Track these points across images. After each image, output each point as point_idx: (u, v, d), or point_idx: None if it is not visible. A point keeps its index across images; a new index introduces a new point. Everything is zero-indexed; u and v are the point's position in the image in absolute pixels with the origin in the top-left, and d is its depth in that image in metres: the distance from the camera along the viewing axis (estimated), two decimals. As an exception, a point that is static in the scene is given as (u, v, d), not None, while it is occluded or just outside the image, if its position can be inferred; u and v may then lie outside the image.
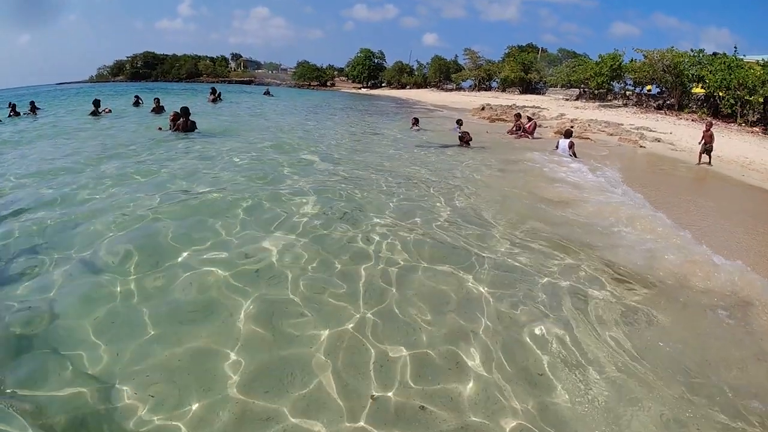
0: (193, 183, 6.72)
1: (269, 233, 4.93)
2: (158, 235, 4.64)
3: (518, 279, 4.51)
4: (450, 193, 7.28)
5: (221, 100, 27.94)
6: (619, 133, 18.27)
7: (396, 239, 5.06)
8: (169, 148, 9.60)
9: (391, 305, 3.84)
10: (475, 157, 10.79)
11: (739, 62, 25.86)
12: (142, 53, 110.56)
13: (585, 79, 40.13)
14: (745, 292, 4.56)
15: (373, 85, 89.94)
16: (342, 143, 11.94)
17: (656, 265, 5.00)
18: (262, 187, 6.58)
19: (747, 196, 10.07)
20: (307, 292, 3.89)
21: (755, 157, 14.64)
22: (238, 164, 8.16)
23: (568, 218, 6.48)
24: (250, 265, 4.22)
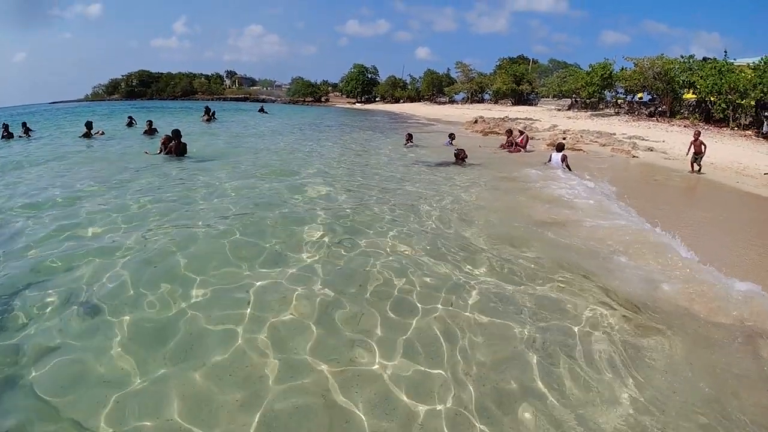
0: (183, 218, 6.33)
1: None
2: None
3: (509, 313, 4.23)
4: (445, 217, 7.11)
5: (215, 119, 28.09)
6: (612, 144, 18.36)
7: (391, 271, 4.83)
8: (162, 177, 9.34)
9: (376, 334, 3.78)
10: (470, 175, 10.72)
11: (729, 66, 26.05)
12: (137, 71, 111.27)
13: (576, 89, 40.53)
14: (759, 319, 4.30)
15: (367, 99, 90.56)
16: (338, 165, 11.76)
17: (659, 294, 4.73)
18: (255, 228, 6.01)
19: (743, 204, 10.00)
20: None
21: (749, 162, 14.65)
22: (232, 197, 7.62)
23: (565, 243, 6.19)
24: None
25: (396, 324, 3.94)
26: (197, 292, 4.23)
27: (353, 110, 68.14)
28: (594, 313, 4.27)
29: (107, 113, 40.83)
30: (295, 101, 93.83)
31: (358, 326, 3.87)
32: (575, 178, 10.59)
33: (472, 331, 3.90)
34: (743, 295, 4.61)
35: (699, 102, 28.81)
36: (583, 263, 5.43)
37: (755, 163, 14.59)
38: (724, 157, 15.38)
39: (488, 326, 4.00)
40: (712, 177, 12.51)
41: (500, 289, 4.64)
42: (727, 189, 11.25)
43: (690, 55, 30.77)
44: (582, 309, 4.33)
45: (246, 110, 50.89)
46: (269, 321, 3.81)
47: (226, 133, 20.97)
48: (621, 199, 8.79)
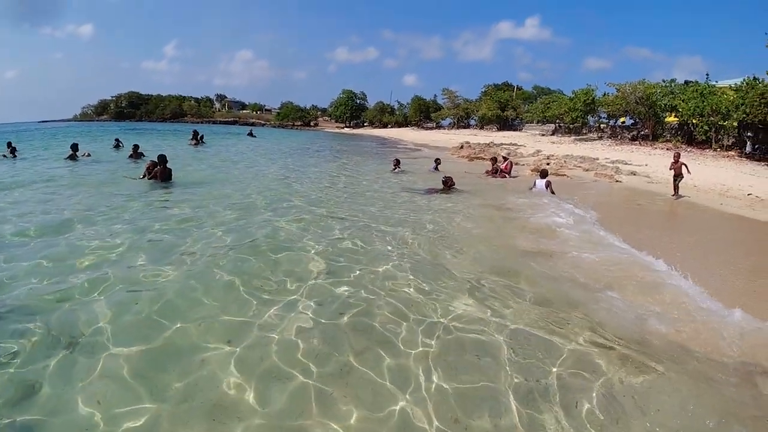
0: (166, 255, 5.95)
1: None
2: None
3: (489, 350, 4.02)
4: (430, 248, 6.97)
5: (204, 143, 28.17)
6: (595, 168, 18.73)
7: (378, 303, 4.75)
8: (148, 206, 8.99)
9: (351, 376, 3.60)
10: (457, 203, 10.72)
11: (711, 89, 26.76)
12: (127, 93, 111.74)
13: (560, 114, 41.54)
14: (755, 352, 4.17)
15: (355, 124, 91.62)
16: (327, 193, 11.67)
17: (650, 328, 4.55)
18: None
19: (728, 226, 10.04)
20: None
21: (732, 183, 14.81)
22: (217, 236, 7.00)
23: (551, 274, 6.00)
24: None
25: (370, 363, 3.77)
26: (177, 336, 4.02)
27: (342, 135, 68.72)
28: (582, 351, 4.07)
29: (96, 133, 40.71)
30: (284, 125, 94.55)
31: (328, 367, 3.69)
32: (561, 206, 10.61)
33: (448, 367, 3.74)
34: (737, 326, 4.54)
35: (681, 125, 29.57)
36: (571, 295, 5.26)
37: (739, 184, 14.76)
38: (707, 179, 15.55)
39: (466, 364, 3.82)
40: (695, 200, 12.58)
41: (483, 327, 4.42)
42: (711, 212, 11.29)
43: (672, 79, 31.84)
44: (569, 346, 4.13)
45: (235, 134, 51.07)
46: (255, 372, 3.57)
47: (213, 158, 20.96)
48: (606, 226, 8.78)
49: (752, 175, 16.93)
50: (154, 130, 53.44)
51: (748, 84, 22.91)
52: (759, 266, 6.95)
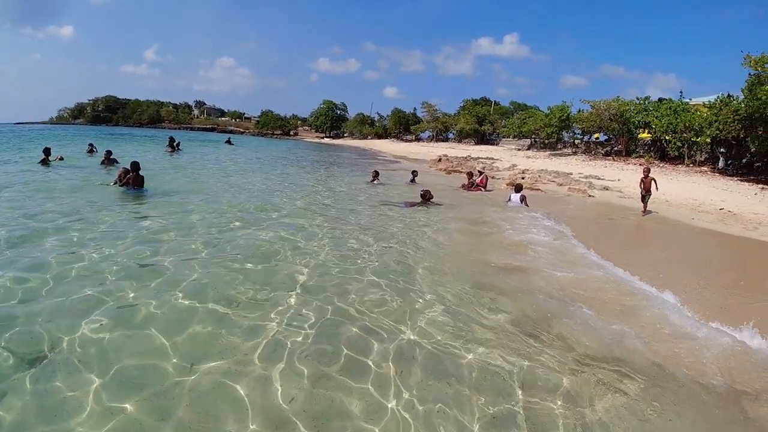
0: (135, 274, 5.57)
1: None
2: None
3: (459, 374, 3.90)
4: (407, 262, 6.95)
5: (180, 150, 27.89)
6: (569, 183, 19.22)
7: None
8: (114, 220, 8.37)
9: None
10: (435, 217, 10.73)
11: (685, 106, 27.72)
12: (104, 97, 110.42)
13: (535, 129, 42.47)
14: (736, 370, 4.18)
15: (335, 135, 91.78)
16: (307, 206, 11.52)
17: (627, 347, 4.47)
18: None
19: (701, 241, 10.26)
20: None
21: (704, 198, 15.24)
22: (192, 249, 6.79)
23: (526, 291, 5.91)
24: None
25: (333, 384, 3.66)
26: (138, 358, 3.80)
27: (322, 145, 68.69)
28: (553, 372, 3.99)
29: (72, 136, 39.86)
30: (264, 134, 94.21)
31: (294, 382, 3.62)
32: (536, 221, 10.75)
33: (411, 389, 3.64)
34: (716, 345, 4.55)
35: (654, 141, 30.49)
36: (545, 313, 5.20)
37: (711, 198, 15.22)
38: (679, 193, 16.03)
39: (429, 387, 3.71)
40: (667, 214, 12.87)
41: (451, 346, 4.34)
42: (682, 226, 11.54)
43: (646, 97, 32.99)
44: (538, 368, 4.03)
45: (213, 141, 50.56)
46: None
47: (189, 166, 20.73)
48: (580, 241, 8.86)
49: (724, 190, 17.48)
50: (131, 136, 52.57)
51: (722, 101, 23.54)
52: (733, 281, 7.06)
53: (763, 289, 6.76)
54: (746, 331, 4.80)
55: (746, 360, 4.37)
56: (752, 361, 4.35)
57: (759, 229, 11.02)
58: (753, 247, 9.67)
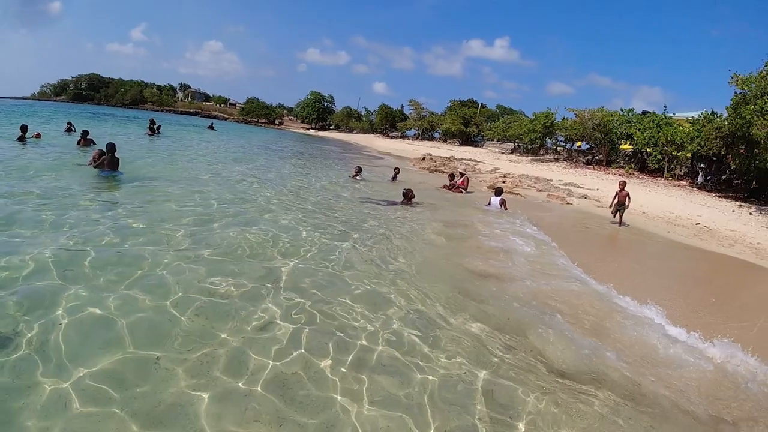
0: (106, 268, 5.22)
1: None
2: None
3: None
4: (383, 264, 6.88)
5: (159, 134, 27.33)
6: (548, 190, 19.40)
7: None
8: (86, 205, 8.03)
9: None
10: (415, 219, 10.52)
11: (668, 120, 28.20)
12: (88, 74, 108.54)
13: (520, 134, 42.82)
14: (715, 394, 4.11)
15: (321, 126, 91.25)
16: (289, 201, 11.06)
17: (604, 363, 4.35)
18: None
19: (676, 255, 10.26)
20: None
21: (681, 212, 15.52)
22: (168, 237, 6.61)
23: (502, 302, 5.74)
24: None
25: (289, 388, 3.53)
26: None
27: (307, 136, 68.07)
28: (525, 389, 3.86)
29: (51, 115, 38.62)
30: (248, 121, 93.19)
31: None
32: (515, 226, 10.72)
33: (368, 401, 3.51)
34: (694, 364, 4.51)
35: (635, 152, 30.94)
36: (519, 325, 5.05)
37: (687, 213, 15.49)
38: (656, 206, 16.29)
39: (388, 398, 3.57)
40: (643, 226, 13.02)
41: (415, 356, 4.19)
42: (658, 239, 11.68)
43: (630, 109, 33.53)
44: (505, 382, 3.93)
45: (195, 126, 49.78)
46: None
47: (168, 150, 20.21)
48: (559, 250, 8.83)
49: (702, 205, 17.85)
50: (112, 116, 51.32)
51: (705, 118, 23.91)
52: (704, 298, 7.16)
53: (734, 308, 6.84)
54: (723, 350, 4.80)
55: (725, 383, 4.33)
56: (730, 385, 4.31)
57: (734, 247, 11.21)
58: (727, 265, 9.80)
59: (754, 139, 17.60)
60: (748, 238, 12.17)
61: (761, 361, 4.65)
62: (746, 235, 12.54)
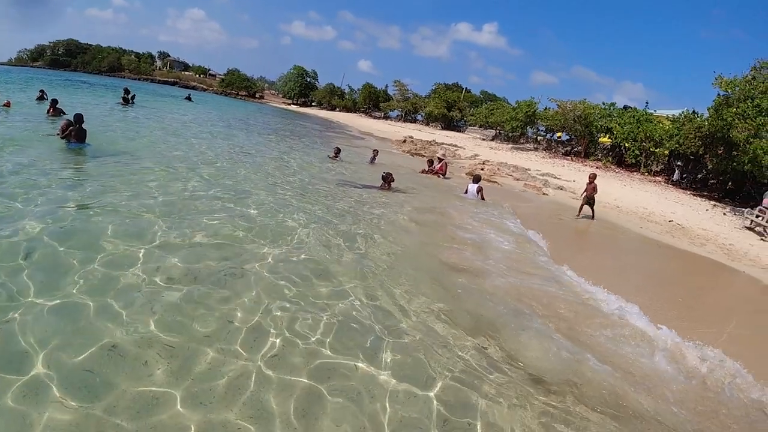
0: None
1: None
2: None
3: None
4: (358, 254, 6.54)
5: (134, 104, 26.50)
6: (526, 179, 19.38)
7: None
8: (48, 181, 7.53)
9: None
10: (393, 205, 10.23)
11: (648, 116, 28.51)
12: (66, 40, 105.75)
13: (501, 121, 42.81)
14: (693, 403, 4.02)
15: (303, 102, 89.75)
16: (260, 181, 10.58)
17: (584, 368, 4.20)
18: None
19: (648, 252, 10.32)
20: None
21: (655, 208, 15.64)
22: (130, 217, 6.29)
23: (477, 297, 5.55)
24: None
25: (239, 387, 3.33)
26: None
27: (288, 111, 66.85)
28: (498, 396, 3.67)
29: (25, 82, 37.11)
30: (228, 93, 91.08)
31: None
32: (493, 217, 10.61)
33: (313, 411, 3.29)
34: (674, 373, 4.42)
35: (613, 146, 31.29)
36: (495, 324, 4.85)
37: (661, 209, 15.63)
38: (631, 201, 16.42)
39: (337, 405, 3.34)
40: (616, 221, 13.06)
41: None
42: (630, 234, 11.72)
43: (612, 103, 33.81)
44: (480, 386, 3.75)
45: (172, 96, 48.40)
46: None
47: (141, 122, 19.46)
48: (535, 243, 8.73)
49: (676, 202, 18.08)
50: (87, 84, 49.55)
51: (686, 116, 24.30)
52: (672, 297, 7.15)
53: (704, 312, 6.87)
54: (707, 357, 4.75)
55: (706, 393, 4.26)
56: (709, 396, 4.23)
57: (706, 246, 11.32)
58: (699, 264, 9.87)
59: (734, 141, 17.86)
60: (721, 239, 12.31)
61: (744, 369, 4.62)
62: (719, 235, 12.69)
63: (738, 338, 5.71)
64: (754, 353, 5.16)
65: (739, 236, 13.02)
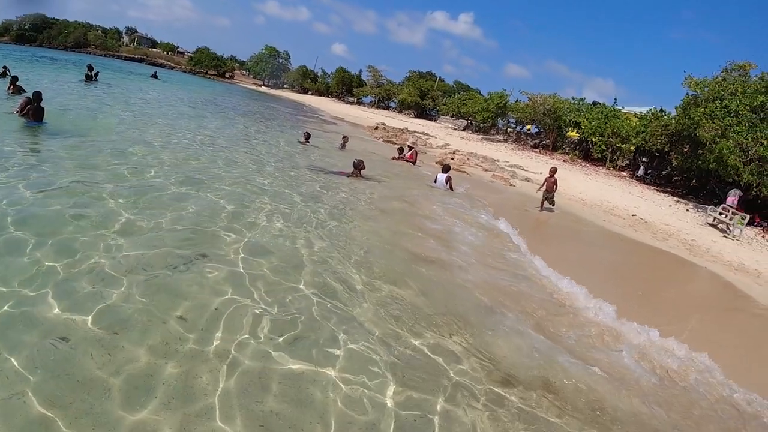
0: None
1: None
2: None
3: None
4: (323, 244, 6.29)
5: (97, 81, 25.46)
6: (494, 170, 19.49)
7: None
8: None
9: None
10: (362, 193, 10.05)
11: (616, 112, 28.99)
12: (32, 15, 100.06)
13: (473, 112, 42.96)
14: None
15: (274, 84, 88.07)
16: (223, 165, 10.19)
17: (556, 365, 4.09)
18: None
19: (611, 245, 10.51)
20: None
21: (619, 202, 15.93)
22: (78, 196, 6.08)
23: (446, 289, 5.44)
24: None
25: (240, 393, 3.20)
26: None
27: (258, 93, 65.42)
28: (465, 397, 3.52)
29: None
30: (196, 72, 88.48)
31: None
32: (462, 208, 10.64)
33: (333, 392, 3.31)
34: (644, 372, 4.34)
35: (581, 141, 31.77)
36: (466, 319, 4.73)
37: (625, 203, 15.91)
38: (595, 194, 16.67)
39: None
40: (580, 213, 13.22)
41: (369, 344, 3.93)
42: (594, 227, 11.84)
43: (581, 98, 34.27)
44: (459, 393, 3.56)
45: (138, 74, 46.57)
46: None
47: (104, 100, 18.53)
48: (502, 234, 8.74)
49: (640, 197, 18.44)
50: (51, 60, 47.07)
51: (653, 114, 24.81)
52: (632, 291, 7.25)
53: (662, 304, 6.99)
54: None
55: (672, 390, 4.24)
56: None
57: (668, 241, 11.58)
58: (659, 258, 10.06)
59: (700, 140, 18.28)
60: (683, 234, 12.62)
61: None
62: (681, 231, 13.01)
63: (700, 334, 5.81)
64: (716, 349, 5.19)
65: (702, 232, 13.35)
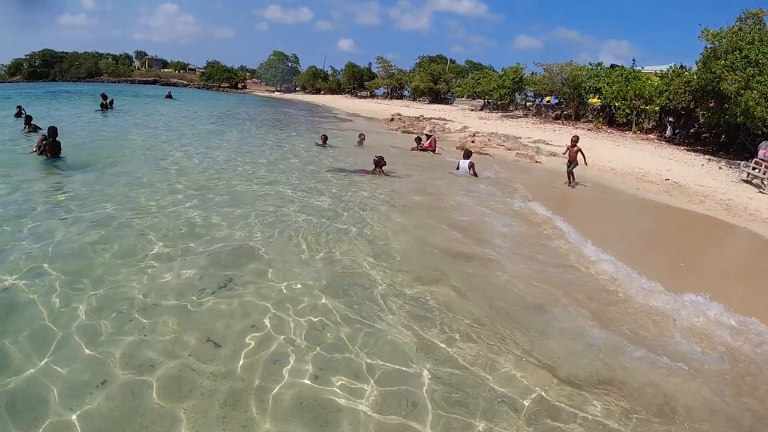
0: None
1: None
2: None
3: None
4: (353, 248, 6.18)
5: (113, 109, 25.90)
6: (517, 148, 19.11)
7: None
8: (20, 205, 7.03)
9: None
10: (384, 190, 9.89)
11: (636, 74, 27.93)
12: (41, 51, 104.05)
13: (489, 90, 42.17)
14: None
15: (287, 88, 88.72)
16: (252, 181, 10.05)
17: (620, 365, 3.81)
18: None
19: (647, 214, 10.10)
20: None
21: (650, 167, 15.44)
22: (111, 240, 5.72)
23: (485, 288, 5.20)
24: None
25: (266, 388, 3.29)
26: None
27: (272, 100, 65.99)
28: (529, 403, 3.34)
29: (3, 97, 35.80)
30: (210, 86, 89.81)
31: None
32: (492, 196, 10.29)
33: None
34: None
35: (603, 107, 30.84)
36: (511, 317, 4.53)
37: (656, 168, 15.40)
38: (625, 162, 16.16)
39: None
40: (611, 184, 12.82)
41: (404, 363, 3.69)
42: (628, 197, 11.43)
43: (598, 63, 33.02)
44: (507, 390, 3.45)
45: (153, 96, 47.35)
46: None
47: (120, 128, 18.59)
48: (538, 217, 8.45)
49: (671, 159, 17.85)
50: (65, 93, 48.10)
51: (674, 72, 23.90)
52: (678, 261, 6.92)
53: (701, 271, 6.66)
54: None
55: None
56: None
57: (705, 203, 11.15)
58: (696, 223, 9.66)
59: (724, 94, 17.57)
60: (719, 194, 12.15)
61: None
62: (716, 191, 12.54)
63: (747, 299, 5.50)
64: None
65: (737, 190, 12.85)
